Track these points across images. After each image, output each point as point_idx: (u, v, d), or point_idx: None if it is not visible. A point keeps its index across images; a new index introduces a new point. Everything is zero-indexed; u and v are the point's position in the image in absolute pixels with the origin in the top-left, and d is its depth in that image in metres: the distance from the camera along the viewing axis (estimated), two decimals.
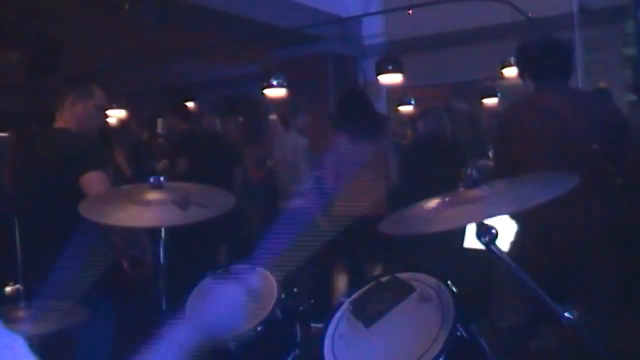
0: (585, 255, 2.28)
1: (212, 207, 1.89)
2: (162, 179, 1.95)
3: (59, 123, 2.69)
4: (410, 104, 7.11)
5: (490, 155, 5.93)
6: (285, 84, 6.71)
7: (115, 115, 7.46)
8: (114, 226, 2.49)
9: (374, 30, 7.93)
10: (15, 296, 1.92)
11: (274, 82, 6.70)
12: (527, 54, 2.58)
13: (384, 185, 4.03)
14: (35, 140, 2.80)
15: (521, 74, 2.60)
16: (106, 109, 3.02)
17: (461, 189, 1.55)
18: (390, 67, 6.67)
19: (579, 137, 2.35)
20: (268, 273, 2.14)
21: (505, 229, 2.47)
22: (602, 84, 5.95)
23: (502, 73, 6.19)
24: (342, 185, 4.04)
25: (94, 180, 2.46)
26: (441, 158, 4.71)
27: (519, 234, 2.44)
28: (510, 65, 5.95)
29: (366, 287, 1.82)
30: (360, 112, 4.05)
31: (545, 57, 2.50)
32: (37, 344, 1.94)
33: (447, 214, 1.54)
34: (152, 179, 1.94)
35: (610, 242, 2.30)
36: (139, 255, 2.66)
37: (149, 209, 1.87)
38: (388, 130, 4.47)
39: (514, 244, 2.43)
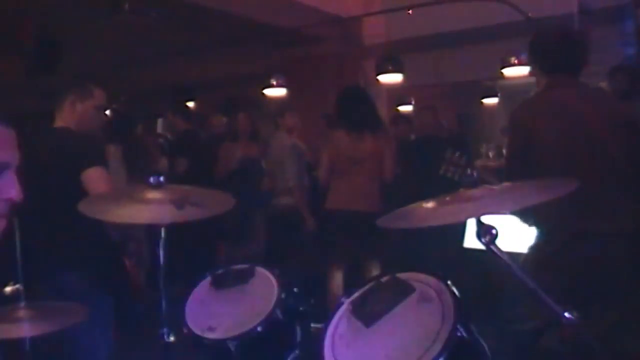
0: (613, 262, 2.24)
1: (208, 207, 1.90)
2: (161, 178, 1.95)
3: (59, 123, 2.70)
4: (410, 104, 7.11)
5: (490, 155, 5.94)
6: (285, 84, 6.71)
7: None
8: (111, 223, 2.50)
9: (374, 30, 7.93)
10: (15, 296, 1.92)
11: (274, 82, 6.71)
12: (541, 46, 2.52)
13: (379, 182, 4.05)
14: (35, 140, 2.80)
15: (533, 66, 2.54)
16: (106, 109, 3.02)
17: (460, 189, 1.55)
18: (390, 67, 6.68)
19: (601, 136, 2.31)
20: (268, 273, 2.14)
21: (507, 230, 2.46)
22: (602, 84, 5.95)
23: (502, 73, 6.18)
24: (337, 181, 4.07)
25: (95, 177, 2.47)
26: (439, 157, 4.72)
27: (542, 241, 2.40)
28: (510, 65, 5.95)
29: (366, 287, 1.82)
30: (360, 108, 4.08)
31: (559, 49, 2.46)
32: (38, 344, 1.94)
33: (444, 210, 1.54)
34: (151, 179, 1.94)
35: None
36: (135, 250, 2.67)
37: (147, 207, 1.88)
38: (386, 130, 4.48)
39: (537, 249, 2.40)
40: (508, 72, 6.07)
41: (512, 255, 1.52)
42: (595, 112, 2.37)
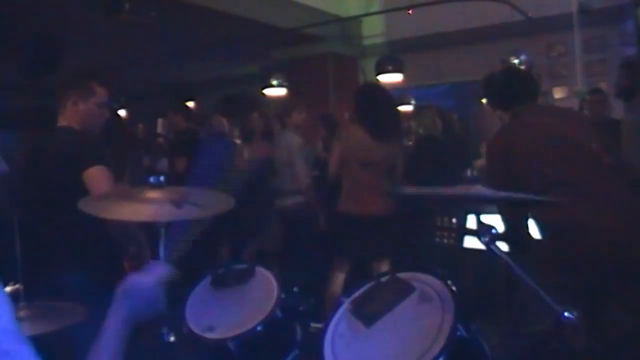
0: (617, 252, 2.24)
1: (207, 207, 1.90)
2: (162, 179, 1.95)
3: (62, 122, 2.70)
4: (410, 104, 7.10)
5: None
6: (285, 84, 6.71)
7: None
8: (113, 224, 2.51)
9: (374, 30, 7.93)
10: (15, 296, 1.92)
11: (274, 82, 6.71)
12: (493, 86, 2.67)
13: (390, 185, 3.90)
14: (37, 140, 2.81)
15: (493, 106, 2.68)
16: (109, 106, 3.00)
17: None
18: (390, 67, 6.67)
19: (581, 138, 2.37)
20: (268, 273, 2.15)
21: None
22: (602, 84, 5.96)
23: None
24: (346, 182, 4.00)
25: (96, 175, 2.48)
26: (440, 158, 4.72)
27: (546, 237, 2.40)
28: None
29: (366, 287, 1.82)
30: (383, 110, 3.92)
31: (510, 85, 2.60)
32: (37, 344, 1.94)
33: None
34: (152, 179, 1.95)
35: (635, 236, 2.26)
36: (136, 253, 2.67)
37: (146, 206, 1.89)
38: (401, 136, 4.39)
39: (541, 248, 2.40)
40: None
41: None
42: (566, 121, 2.51)
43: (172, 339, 1.87)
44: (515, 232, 2.30)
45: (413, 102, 7.09)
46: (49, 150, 2.66)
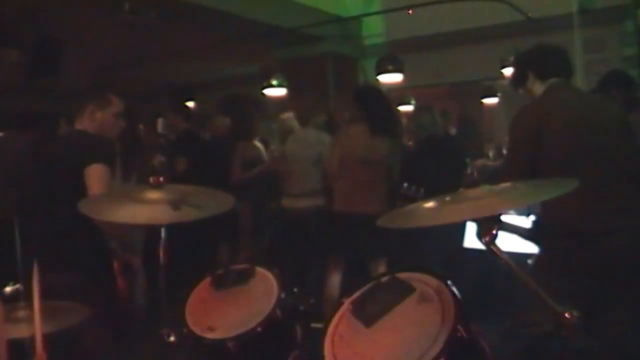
0: (630, 259, 2.20)
1: (206, 207, 1.91)
2: (161, 179, 1.95)
3: (77, 127, 2.82)
4: (410, 104, 7.10)
5: (490, 155, 5.94)
6: (285, 84, 6.71)
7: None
8: (111, 228, 2.52)
9: (374, 30, 7.94)
10: (15, 296, 1.92)
11: (274, 82, 6.71)
12: (530, 56, 2.66)
13: (386, 186, 3.90)
14: (48, 140, 2.88)
15: (524, 76, 2.61)
16: (124, 116, 3.07)
17: (462, 190, 1.55)
18: (390, 67, 6.66)
19: (607, 131, 2.35)
20: (268, 273, 2.14)
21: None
22: None
23: (502, 73, 6.19)
24: (343, 180, 3.99)
25: (94, 173, 2.53)
26: (441, 158, 4.71)
27: (555, 241, 2.37)
28: (510, 65, 5.94)
29: (366, 287, 1.82)
30: (384, 110, 3.97)
31: (549, 57, 2.61)
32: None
33: (446, 210, 1.55)
34: (151, 179, 1.95)
35: None
36: (126, 259, 2.69)
37: (145, 208, 1.89)
38: (401, 131, 4.36)
39: (550, 250, 2.38)
40: (508, 72, 6.07)
41: (513, 256, 1.52)
42: (595, 110, 2.46)
43: (172, 339, 1.87)
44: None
45: (413, 102, 7.09)
46: (57, 149, 2.73)
